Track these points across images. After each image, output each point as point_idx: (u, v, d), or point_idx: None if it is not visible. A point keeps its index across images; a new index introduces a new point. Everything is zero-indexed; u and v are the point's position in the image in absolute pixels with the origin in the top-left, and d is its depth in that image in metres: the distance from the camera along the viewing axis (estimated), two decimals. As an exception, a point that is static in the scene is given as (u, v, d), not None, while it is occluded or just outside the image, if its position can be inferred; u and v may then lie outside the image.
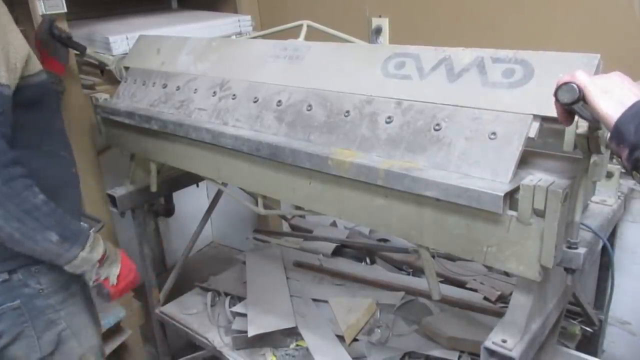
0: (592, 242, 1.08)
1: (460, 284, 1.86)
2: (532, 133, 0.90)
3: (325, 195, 1.13)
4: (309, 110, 1.18)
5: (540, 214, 0.86)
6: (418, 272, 1.98)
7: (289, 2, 2.23)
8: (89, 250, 1.11)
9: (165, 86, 1.53)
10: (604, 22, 1.51)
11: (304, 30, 1.42)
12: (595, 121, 0.72)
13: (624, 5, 1.47)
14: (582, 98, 0.69)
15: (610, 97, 0.67)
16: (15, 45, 1.04)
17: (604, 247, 1.29)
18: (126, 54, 1.75)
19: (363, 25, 2.00)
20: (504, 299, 1.76)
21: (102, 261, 1.16)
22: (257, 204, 1.40)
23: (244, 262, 2.11)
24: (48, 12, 1.61)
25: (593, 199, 1.21)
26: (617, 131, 0.64)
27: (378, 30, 1.97)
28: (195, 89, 1.44)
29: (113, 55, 1.75)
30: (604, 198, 1.24)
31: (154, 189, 1.69)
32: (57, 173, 1.20)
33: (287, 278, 1.96)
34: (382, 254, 2.11)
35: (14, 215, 0.99)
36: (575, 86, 0.69)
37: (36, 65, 1.12)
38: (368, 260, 2.12)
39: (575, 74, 0.71)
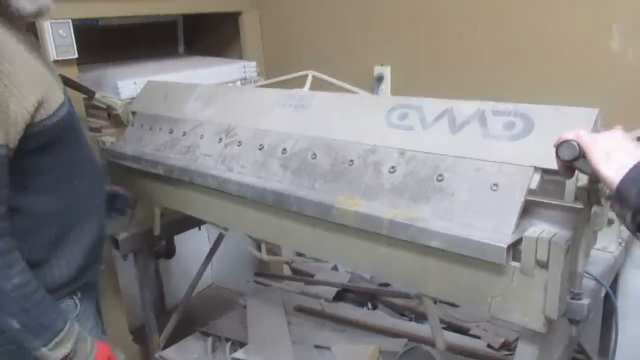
0: (595, 289, 1.08)
1: (464, 331, 1.84)
2: (534, 185, 0.92)
3: (330, 242, 1.14)
4: (313, 158, 1.20)
5: (543, 265, 0.87)
6: (420, 317, 1.96)
7: (293, 49, 2.30)
8: (52, 347, 1.03)
9: (171, 131, 1.55)
10: (600, 71, 1.56)
11: (309, 79, 1.46)
12: (595, 175, 0.74)
13: (618, 54, 1.52)
14: (582, 155, 0.71)
15: (612, 159, 0.68)
16: (21, 95, 0.96)
17: (607, 294, 1.29)
18: (134, 98, 1.80)
19: (366, 73, 2.05)
20: (507, 345, 1.74)
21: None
22: (259, 248, 1.41)
23: (245, 306, 2.10)
24: (60, 58, 1.66)
25: (594, 246, 1.22)
26: (620, 195, 0.65)
27: (380, 78, 2.02)
28: (202, 135, 1.47)
29: (121, 100, 1.79)
30: (605, 245, 1.25)
31: (157, 232, 1.70)
32: (76, 214, 1.15)
33: (289, 323, 1.94)
34: (384, 299, 2.09)
35: None
36: (575, 144, 0.71)
37: (54, 104, 1.04)
38: (370, 305, 2.10)
39: (578, 133, 0.72)
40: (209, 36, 2.52)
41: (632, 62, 1.51)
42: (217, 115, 1.49)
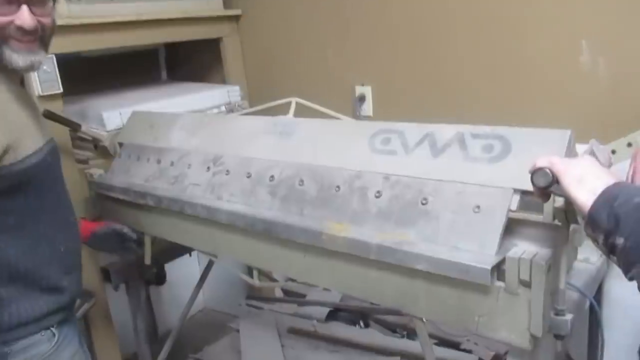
0: (579, 301, 1.11)
1: (454, 345, 1.86)
2: (514, 206, 0.95)
3: (320, 268, 1.16)
4: (300, 185, 1.23)
5: (526, 284, 0.89)
6: (412, 334, 1.98)
7: (275, 72, 2.33)
8: None
9: (159, 161, 1.57)
10: (572, 85, 1.61)
11: (293, 106, 1.49)
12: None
13: (588, 69, 1.58)
14: (556, 181, 0.75)
15: (583, 185, 0.72)
16: None
17: (592, 305, 1.32)
18: (120, 129, 1.81)
19: (347, 94, 2.09)
20: (498, 358, 1.76)
21: None
22: (251, 273, 1.42)
23: (238, 330, 2.10)
24: (45, 93, 1.67)
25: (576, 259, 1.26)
26: (591, 219, 0.69)
27: (362, 98, 2.06)
28: (189, 165, 1.48)
29: (107, 131, 1.80)
30: (587, 256, 1.29)
31: (147, 261, 1.70)
32: (36, 257, 1.16)
33: (282, 346, 1.95)
34: (376, 317, 2.11)
35: None
36: (548, 172, 0.75)
37: (26, 150, 1.08)
38: (362, 323, 2.12)
39: (551, 160, 0.77)
40: (191, 62, 2.55)
41: (603, 76, 1.57)
42: (204, 144, 1.51)
